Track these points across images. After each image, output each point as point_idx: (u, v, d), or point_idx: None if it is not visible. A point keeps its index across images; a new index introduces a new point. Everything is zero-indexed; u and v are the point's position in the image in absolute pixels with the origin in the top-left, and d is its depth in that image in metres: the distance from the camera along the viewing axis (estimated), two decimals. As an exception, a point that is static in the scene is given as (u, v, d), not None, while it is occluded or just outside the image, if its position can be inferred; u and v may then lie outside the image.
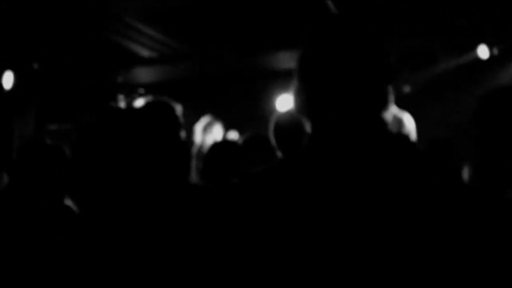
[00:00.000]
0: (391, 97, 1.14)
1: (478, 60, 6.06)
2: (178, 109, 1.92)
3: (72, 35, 5.88)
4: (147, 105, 1.89)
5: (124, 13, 5.62)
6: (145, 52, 6.78)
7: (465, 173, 2.86)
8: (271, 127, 2.43)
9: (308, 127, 1.14)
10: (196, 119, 5.35)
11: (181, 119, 1.91)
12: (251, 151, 2.60)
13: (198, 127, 5.16)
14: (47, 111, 6.90)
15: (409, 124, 5.38)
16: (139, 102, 1.91)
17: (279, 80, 6.23)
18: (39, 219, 2.22)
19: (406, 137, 2.26)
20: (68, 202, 2.45)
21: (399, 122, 5.38)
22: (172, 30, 6.21)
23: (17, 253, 2.10)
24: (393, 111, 5.38)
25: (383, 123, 1.16)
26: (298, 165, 1.09)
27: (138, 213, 1.79)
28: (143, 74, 7.07)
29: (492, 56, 6.01)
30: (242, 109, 6.61)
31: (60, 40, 5.94)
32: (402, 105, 5.54)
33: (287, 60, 5.87)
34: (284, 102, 6.24)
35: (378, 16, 5.77)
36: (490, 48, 5.99)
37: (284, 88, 5.92)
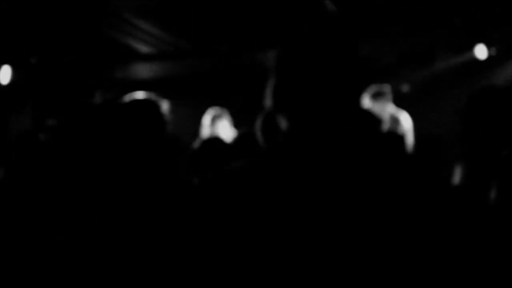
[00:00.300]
0: (364, 95, 1.15)
1: (476, 60, 6.05)
2: (164, 106, 1.93)
3: (70, 31, 5.88)
4: (132, 103, 1.90)
5: (123, 9, 5.62)
6: (143, 48, 6.78)
7: (457, 171, 2.85)
8: (258, 124, 2.43)
9: (283, 124, 1.15)
10: (196, 114, 5.33)
11: (167, 116, 1.92)
12: (240, 148, 2.61)
13: (206, 120, 5.14)
14: (45, 106, 6.90)
15: (406, 123, 5.39)
16: (125, 99, 1.92)
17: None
18: (34, 213, 2.23)
19: (380, 133, 2.28)
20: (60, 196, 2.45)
21: (396, 121, 5.39)
22: (170, 26, 6.21)
23: (14, 247, 2.11)
24: (390, 110, 5.40)
25: (358, 119, 1.17)
26: (271, 161, 1.10)
27: (123, 208, 1.80)
28: (142, 70, 7.07)
29: (490, 56, 6.01)
30: (241, 106, 6.60)
31: (58, 35, 5.94)
32: (400, 104, 5.55)
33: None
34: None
35: (377, 16, 5.77)
36: (488, 48, 5.99)
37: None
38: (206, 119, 5.13)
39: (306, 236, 1.02)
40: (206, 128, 5.10)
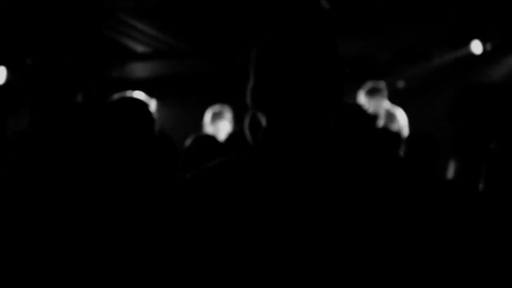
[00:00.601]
0: (344, 95, 1.16)
1: (472, 56, 6.04)
2: (152, 105, 1.94)
3: (66, 31, 5.88)
4: (118, 102, 1.91)
5: (119, 9, 5.61)
6: (139, 48, 6.78)
7: (451, 167, 2.87)
8: (246, 122, 2.44)
9: (263, 121, 1.16)
10: (196, 113, 5.30)
11: (155, 115, 1.93)
12: (231, 146, 2.62)
13: (206, 118, 5.09)
14: (43, 106, 6.89)
15: (402, 119, 5.40)
16: (113, 98, 1.93)
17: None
18: (33, 213, 2.23)
19: (365, 129, 2.29)
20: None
21: (391, 117, 5.40)
22: (167, 25, 6.21)
23: (14, 247, 2.11)
24: (386, 106, 5.41)
25: (335, 119, 1.18)
26: (251, 157, 1.12)
27: (118, 206, 1.81)
28: (138, 70, 7.07)
29: (485, 51, 6.00)
30: (241, 105, 6.57)
31: (53, 35, 5.94)
32: (395, 101, 5.55)
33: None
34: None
35: (372, 12, 5.77)
36: (484, 43, 5.98)
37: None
38: (207, 117, 5.08)
39: (281, 228, 1.03)
40: (207, 127, 5.04)
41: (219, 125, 4.96)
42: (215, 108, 5.11)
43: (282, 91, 1.11)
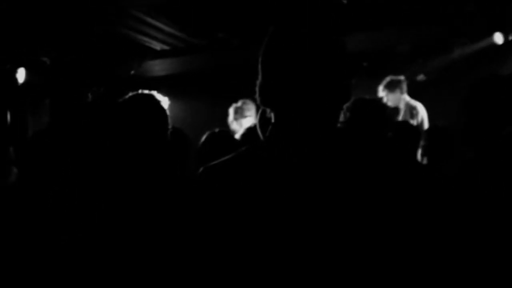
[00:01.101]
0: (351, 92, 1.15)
1: (493, 47, 5.93)
2: (165, 102, 1.94)
3: (82, 30, 5.93)
4: (131, 99, 1.91)
5: (134, 7, 5.64)
6: (157, 45, 6.81)
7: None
8: (258, 118, 2.43)
9: (272, 117, 1.17)
10: (210, 111, 5.30)
11: (168, 112, 1.92)
12: (245, 142, 2.61)
13: (230, 114, 5.07)
14: (62, 105, 6.97)
15: (422, 112, 5.35)
16: (126, 96, 1.92)
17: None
18: (38, 212, 2.25)
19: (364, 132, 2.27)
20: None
21: (411, 111, 5.35)
22: (183, 22, 6.22)
23: (23, 248, 2.13)
24: (405, 100, 5.36)
25: (352, 115, 1.18)
26: (258, 154, 1.12)
27: (127, 205, 1.81)
28: (156, 67, 7.11)
29: (507, 42, 5.89)
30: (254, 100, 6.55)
31: (70, 35, 5.99)
32: (416, 94, 5.49)
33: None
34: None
35: (392, 4, 5.71)
36: (505, 34, 5.87)
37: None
38: (230, 114, 5.07)
39: (283, 222, 1.03)
40: (232, 124, 5.01)
41: (243, 121, 4.94)
42: (238, 104, 5.09)
43: (289, 88, 1.10)
